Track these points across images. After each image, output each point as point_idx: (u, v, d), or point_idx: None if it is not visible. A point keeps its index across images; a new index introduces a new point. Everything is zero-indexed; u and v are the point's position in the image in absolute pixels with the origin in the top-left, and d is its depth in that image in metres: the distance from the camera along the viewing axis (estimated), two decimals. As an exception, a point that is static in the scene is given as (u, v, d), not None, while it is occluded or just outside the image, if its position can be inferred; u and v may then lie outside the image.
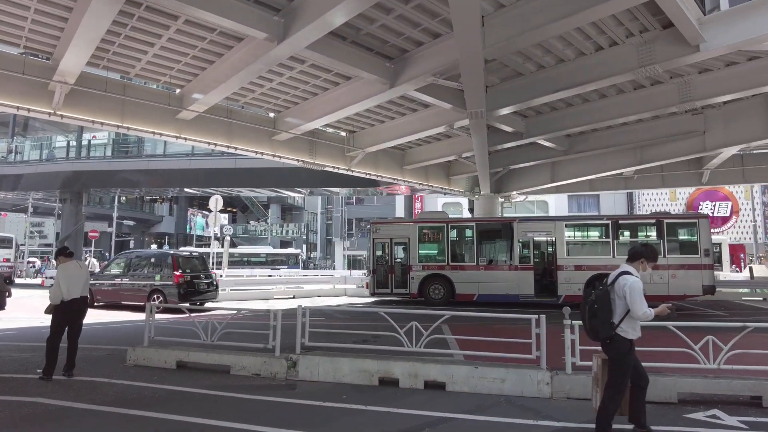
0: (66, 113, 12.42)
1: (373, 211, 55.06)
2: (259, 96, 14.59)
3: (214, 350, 6.87)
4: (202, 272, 14.73)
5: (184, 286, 13.35)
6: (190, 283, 13.65)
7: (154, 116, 13.85)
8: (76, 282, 6.27)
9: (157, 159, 25.90)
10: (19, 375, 6.41)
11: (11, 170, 30.23)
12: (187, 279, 13.59)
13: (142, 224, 59.79)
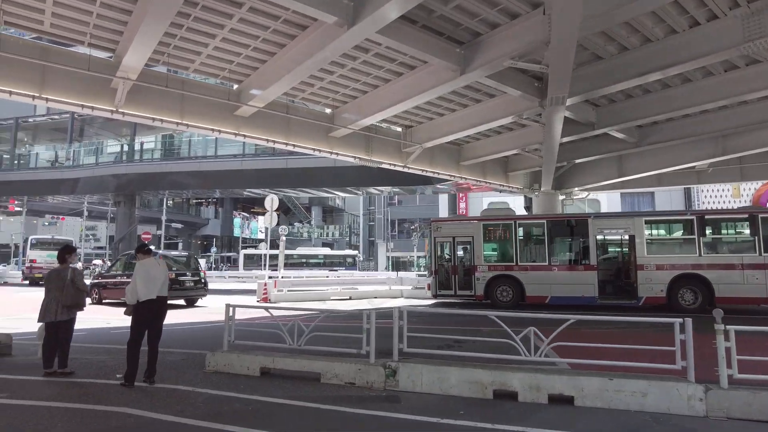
0: (127, 111, 12.21)
1: (416, 212, 54.30)
2: (318, 90, 14.09)
3: (301, 356, 6.27)
4: (189, 271, 16.08)
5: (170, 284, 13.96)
6: (174, 280, 14.35)
7: (213, 113, 13.54)
8: (154, 281, 5.78)
9: (208, 160, 25.92)
10: (99, 380, 5.97)
11: (70, 174, 31.04)
12: (171, 276, 13.74)
13: (189, 227, 60.95)
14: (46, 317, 6.09)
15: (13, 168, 34.10)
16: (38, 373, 6.16)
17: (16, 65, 10.77)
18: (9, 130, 40.37)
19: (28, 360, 7.13)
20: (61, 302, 6.08)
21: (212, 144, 26.51)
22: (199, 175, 26.79)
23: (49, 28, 10.64)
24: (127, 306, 5.78)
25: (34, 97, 11.15)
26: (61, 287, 6.11)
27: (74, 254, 6.48)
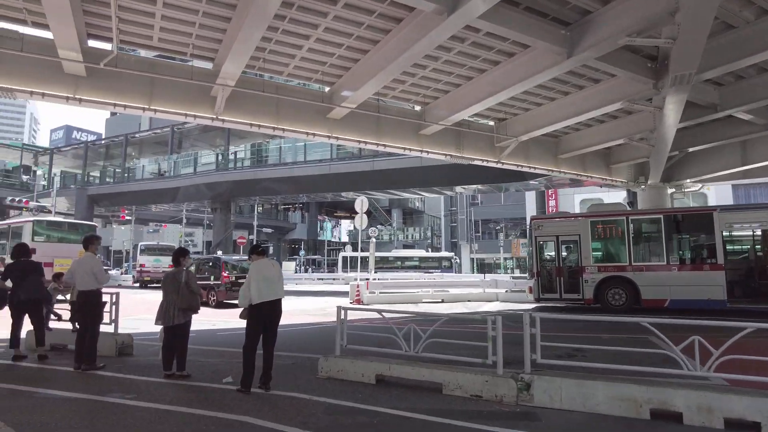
0: (227, 117, 12.55)
1: (500, 212, 52.57)
2: (409, 87, 13.71)
3: (419, 363, 5.81)
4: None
5: (228, 285, 16.42)
6: (234, 282, 16.22)
7: (306, 116, 13.60)
8: (269, 283, 5.58)
9: (298, 166, 26.60)
10: (213, 384, 5.89)
11: (171, 184, 33.29)
12: (232, 279, 16.48)
13: (278, 231, 63.42)
14: (164, 321, 6.12)
15: (123, 180, 37.22)
16: (159, 375, 6.22)
17: (129, 80, 11.41)
18: (120, 146, 44.23)
19: (148, 361, 7.30)
20: (177, 305, 6.09)
21: (301, 150, 27.20)
22: (289, 181, 27.55)
23: (157, 43, 11.15)
24: (243, 309, 5.64)
25: (145, 109, 11.75)
26: (176, 290, 6.13)
27: (188, 257, 6.51)
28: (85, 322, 6.70)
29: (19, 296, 7.13)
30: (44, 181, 41.33)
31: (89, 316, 6.65)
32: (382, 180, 24.61)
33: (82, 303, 6.68)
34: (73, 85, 11.09)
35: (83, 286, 6.56)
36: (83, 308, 6.70)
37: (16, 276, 7.25)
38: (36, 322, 7.38)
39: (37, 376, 6.35)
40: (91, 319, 6.65)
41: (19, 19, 10.22)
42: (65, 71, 10.90)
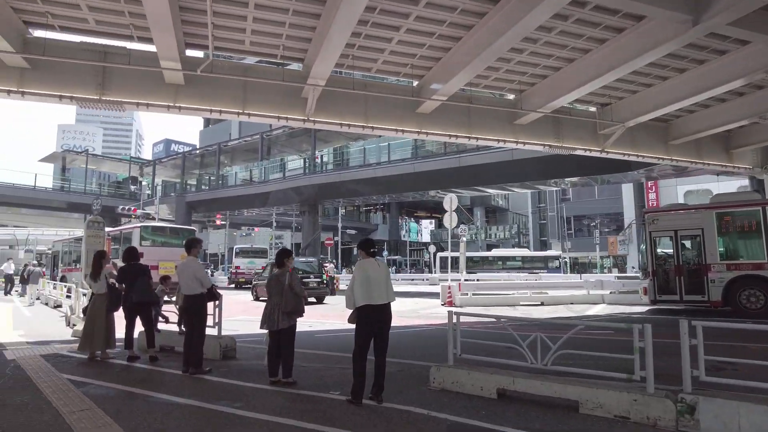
0: (317, 118, 12.46)
1: (594, 207, 49.36)
2: (503, 75, 12.86)
3: (549, 377, 5.10)
4: (313, 274, 19.93)
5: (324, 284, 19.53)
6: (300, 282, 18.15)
7: (395, 113, 13.20)
8: (375, 284, 5.14)
9: (382, 166, 26.45)
10: (319, 393, 5.56)
11: (261, 189, 34.61)
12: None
13: (360, 233, 64.23)
14: (269, 325, 5.90)
15: (218, 187, 39.32)
16: (264, 381, 6.02)
17: (224, 86, 11.66)
18: (213, 155, 46.88)
19: (252, 365, 7.19)
20: (281, 308, 5.84)
21: (384, 150, 27.06)
22: (373, 182, 27.48)
23: (249, 47, 11.26)
24: (352, 313, 5.25)
25: (239, 113, 11.93)
26: (280, 292, 5.89)
27: (292, 258, 6.26)
28: (191, 325, 6.69)
29: (132, 298, 7.32)
30: (148, 190, 44.72)
31: (195, 320, 6.63)
32: (470, 176, 23.72)
33: (187, 307, 6.67)
34: (173, 94, 11.50)
35: (188, 290, 6.54)
36: (189, 312, 6.69)
37: (127, 279, 7.45)
38: (146, 324, 7.55)
39: (150, 378, 6.41)
40: (198, 324, 6.63)
41: (126, 35, 10.73)
42: (166, 81, 11.33)
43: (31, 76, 10.76)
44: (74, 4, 9.67)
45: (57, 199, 41.80)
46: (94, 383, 5.98)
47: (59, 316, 14.45)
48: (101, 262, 7.59)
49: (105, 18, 10.12)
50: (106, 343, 7.45)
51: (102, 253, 7.86)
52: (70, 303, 14.34)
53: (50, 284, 20.96)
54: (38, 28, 10.53)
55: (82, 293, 11.66)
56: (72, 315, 11.83)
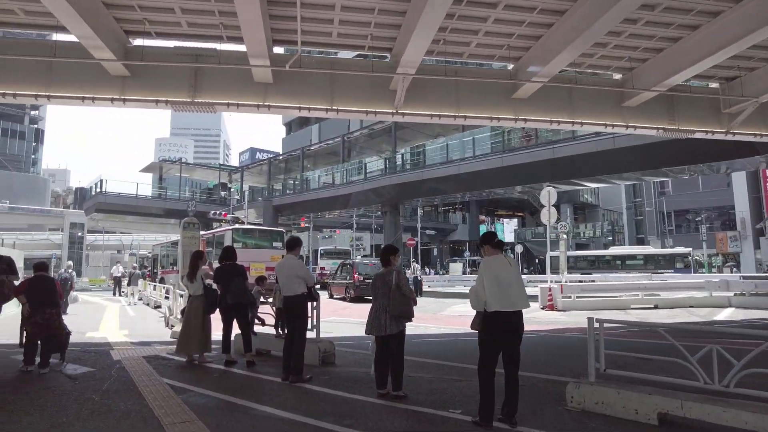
0: (406, 111, 11.80)
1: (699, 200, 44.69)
2: (611, 51, 11.49)
3: (735, 403, 4.02)
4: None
5: (357, 284, 19.81)
6: (363, 282, 19.46)
7: (488, 100, 12.23)
8: (507, 286, 4.33)
9: (466, 162, 25.27)
10: (438, 412, 4.83)
11: (342, 191, 34.77)
12: (361, 279, 19.79)
13: (439, 233, 63.19)
14: (375, 330, 5.28)
15: (302, 190, 40.14)
16: (370, 392, 5.42)
17: (311, 82, 11.36)
18: (296, 159, 48.08)
19: (354, 373, 6.64)
20: (389, 312, 5.19)
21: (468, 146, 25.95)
22: (456, 179, 26.45)
23: (336, 39, 10.87)
24: (475, 318, 4.48)
25: (327, 110, 11.56)
26: (386, 293, 5.24)
27: (398, 255, 5.60)
28: (291, 329, 6.24)
29: (227, 299, 7.04)
30: (237, 195, 46.67)
31: (296, 322, 6.17)
32: (564, 169, 21.97)
33: (288, 309, 6.23)
34: (261, 93, 11.37)
35: (289, 291, 6.09)
36: (289, 315, 6.25)
37: (223, 279, 7.19)
38: (243, 327, 7.24)
39: (248, 386, 6.02)
40: (299, 327, 6.16)
41: (215, 36, 10.75)
42: (255, 80, 11.22)
43: (131, 84, 11.08)
44: (168, 8, 9.76)
45: (155, 206, 44.74)
46: (193, 390, 5.68)
47: (159, 316, 14.96)
48: (198, 262, 7.40)
49: (196, 20, 10.16)
50: (203, 346, 7.24)
51: (199, 253, 7.69)
52: (168, 304, 14.83)
53: (150, 285, 22.15)
54: (137, 37, 10.82)
55: (179, 294, 11.87)
56: (170, 316, 12.07)
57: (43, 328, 6.94)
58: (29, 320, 7.04)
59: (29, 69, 10.88)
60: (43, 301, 7.02)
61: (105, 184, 42.25)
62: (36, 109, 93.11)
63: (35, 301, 7.05)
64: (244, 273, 7.22)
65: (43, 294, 7.12)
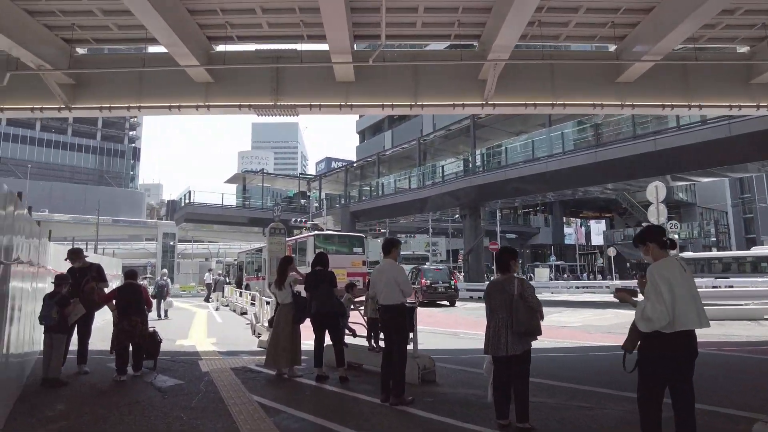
0: (497, 101, 10.86)
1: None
2: (738, 18, 9.87)
3: None
4: (441, 280, 22.02)
5: (425, 288, 21.26)
6: (430, 287, 21.42)
7: (588, 85, 11.00)
8: (683, 299, 3.32)
9: (555, 159, 23.41)
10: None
11: (418, 195, 33.96)
12: (428, 284, 21.48)
13: (520, 237, 60.65)
14: (494, 349, 4.43)
15: (378, 196, 39.89)
16: (486, 422, 4.58)
17: (393, 78, 10.83)
18: (372, 165, 48.05)
19: (459, 395, 5.82)
20: (512, 328, 4.32)
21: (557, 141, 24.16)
22: (541, 178, 24.73)
23: (420, 29, 10.21)
24: (629, 335, 3.52)
25: (411, 105, 10.92)
26: (507, 305, 4.38)
27: (517, 259, 4.72)
28: (390, 344, 5.54)
29: (314, 308, 6.49)
30: (316, 203, 47.40)
31: (396, 336, 5.46)
32: (667, 162, 19.65)
33: (386, 321, 5.54)
34: (343, 92, 10.93)
35: (388, 299, 5.41)
36: (388, 327, 5.55)
37: (311, 286, 6.66)
38: (336, 339, 6.65)
39: (344, 408, 5.39)
40: (399, 341, 5.45)
41: (296, 36, 10.46)
42: (337, 79, 10.82)
43: (214, 90, 11.08)
44: (249, 9, 9.58)
45: (239, 215, 46.50)
46: (285, 411, 5.13)
47: (245, 323, 14.95)
48: (286, 269, 6.94)
49: (277, 19, 9.92)
50: (293, 359, 6.74)
51: (288, 259, 7.22)
52: (254, 311, 14.79)
53: (236, 292, 22.61)
54: (219, 42, 10.79)
55: (266, 302, 11.65)
56: (257, 324, 11.88)
57: (129, 335, 6.99)
58: (117, 326, 7.11)
59: (122, 83, 11.19)
60: (129, 309, 7.09)
61: (193, 196, 44.48)
62: (133, 129, 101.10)
63: (122, 308, 7.13)
64: (332, 280, 6.64)
65: (130, 301, 7.18)
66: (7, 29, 9.39)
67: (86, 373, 6.94)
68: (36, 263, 7.01)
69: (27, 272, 6.41)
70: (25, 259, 6.03)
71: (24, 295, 6.07)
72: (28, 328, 6.72)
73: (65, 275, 6.73)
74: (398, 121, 59.75)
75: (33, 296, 6.79)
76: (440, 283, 21.79)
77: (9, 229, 4.93)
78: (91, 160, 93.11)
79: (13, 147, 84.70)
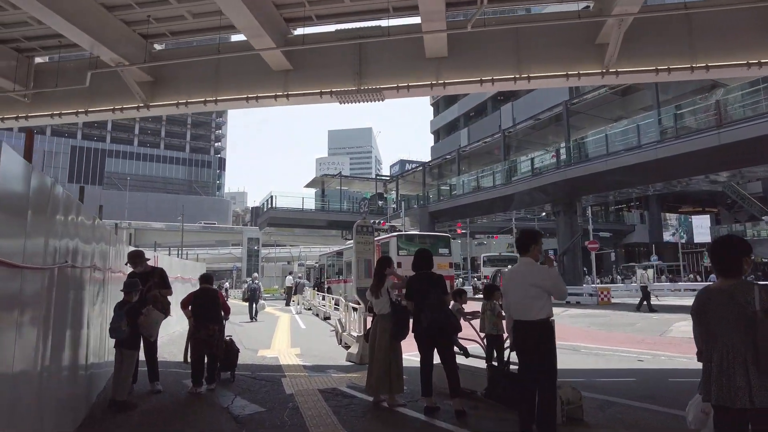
0: (620, 68, 8.99)
1: None
2: None
3: None
4: None
5: None
6: None
7: (738, 40, 8.82)
8: None
9: (666, 144, 20.38)
10: None
11: (504, 192, 31.74)
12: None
13: (614, 236, 56.05)
14: (722, 395, 2.83)
15: (458, 194, 38.06)
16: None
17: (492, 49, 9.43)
18: (450, 163, 46.31)
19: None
20: (757, 363, 2.71)
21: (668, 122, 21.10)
22: (646, 168, 21.68)
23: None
24: None
25: (515, 78, 9.36)
26: (743, 326, 2.77)
27: (750, 258, 3.09)
28: (526, 370, 4.07)
29: (424, 321, 5.12)
30: (393, 204, 46.46)
31: (540, 360, 3.98)
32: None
33: (523, 340, 4.08)
34: (434, 70, 9.61)
35: (524, 313, 3.96)
36: (525, 349, 4.09)
37: (417, 293, 5.32)
38: (449, 360, 5.24)
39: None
40: (545, 368, 3.97)
41: (381, 10, 9.33)
42: (427, 56, 9.53)
43: (294, 78, 10.20)
44: (329, -19, 8.55)
45: (319, 218, 46.70)
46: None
47: (329, 330, 14.04)
48: (384, 272, 5.65)
49: (360, -11, 8.81)
50: (393, 386, 5.43)
51: (387, 260, 5.86)
52: (338, 316, 13.82)
53: (318, 295, 21.96)
54: (298, 24, 9.88)
55: (353, 308, 10.55)
56: (342, 332, 10.81)
57: (206, 345, 6.37)
58: (193, 336, 6.44)
59: (198, 77, 10.67)
60: (206, 316, 6.46)
61: (275, 200, 45.20)
62: (218, 140, 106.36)
63: (199, 315, 6.48)
64: (443, 284, 5.26)
65: (206, 308, 6.52)
66: (90, 28, 9.09)
67: (159, 392, 6.10)
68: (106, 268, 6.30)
69: (97, 279, 5.68)
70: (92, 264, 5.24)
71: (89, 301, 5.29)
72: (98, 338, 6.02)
73: (134, 281, 5.92)
74: (474, 118, 57.46)
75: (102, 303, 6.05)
76: None
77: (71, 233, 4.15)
78: (181, 171, 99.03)
79: (116, 162, 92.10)
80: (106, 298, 6.26)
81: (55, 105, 11.15)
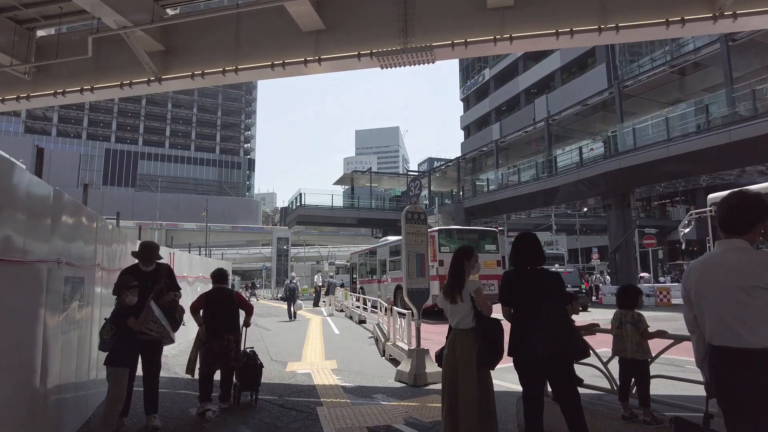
0: (741, 9, 7.05)
1: None
2: None
3: None
4: (570, 284, 19.56)
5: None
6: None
7: None
8: None
9: (741, 125, 17.95)
10: None
11: (547, 185, 29.58)
12: None
13: (660, 232, 52.72)
14: None
15: (496, 189, 36.00)
16: None
17: None
18: (485, 156, 44.21)
19: None
20: None
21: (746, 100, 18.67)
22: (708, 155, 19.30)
23: None
24: None
25: (600, 29, 7.48)
26: None
27: None
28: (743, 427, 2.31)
29: (537, 345, 3.37)
30: (425, 201, 44.69)
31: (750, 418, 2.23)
32: None
33: (734, 381, 2.32)
34: (498, 21, 7.85)
35: (734, 337, 2.23)
36: (742, 394, 2.33)
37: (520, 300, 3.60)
38: (572, 401, 3.48)
39: None
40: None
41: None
42: (488, 6, 7.79)
43: (326, 39, 8.60)
44: None
45: (348, 216, 45.34)
46: None
47: (367, 336, 12.45)
48: (464, 267, 3.95)
49: None
50: (486, 428, 3.74)
51: (467, 251, 3.99)
52: (376, 321, 12.25)
53: (352, 297, 20.43)
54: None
55: (398, 313, 8.90)
56: (386, 342, 9.17)
57: (219, 357, 5.17)
58: (203, 346, 5.14)
59: (216, 43, 9.21)
60: (219, 323, 5.17)
61: (304, 197, 44.10)
62: (248, 141, 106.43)
63: (211, 322, 5.17)
64: (562, 287, 3.53)
65: (220, 314, 5.20)
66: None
67: (156, 430, 4.54)
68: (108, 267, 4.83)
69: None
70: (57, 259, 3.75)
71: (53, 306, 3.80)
72: (85, 352, 4.58)
73: (128, 277, 4.43)
74: (506, 112, 55.04)
75: (87, 307, 4.58)
76: (569, 287, 17.98)
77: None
78: (211, 173, 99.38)
79: (148, 164, 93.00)
80: (91, 301, 4.81)
81: (59, 82, 9.89)
